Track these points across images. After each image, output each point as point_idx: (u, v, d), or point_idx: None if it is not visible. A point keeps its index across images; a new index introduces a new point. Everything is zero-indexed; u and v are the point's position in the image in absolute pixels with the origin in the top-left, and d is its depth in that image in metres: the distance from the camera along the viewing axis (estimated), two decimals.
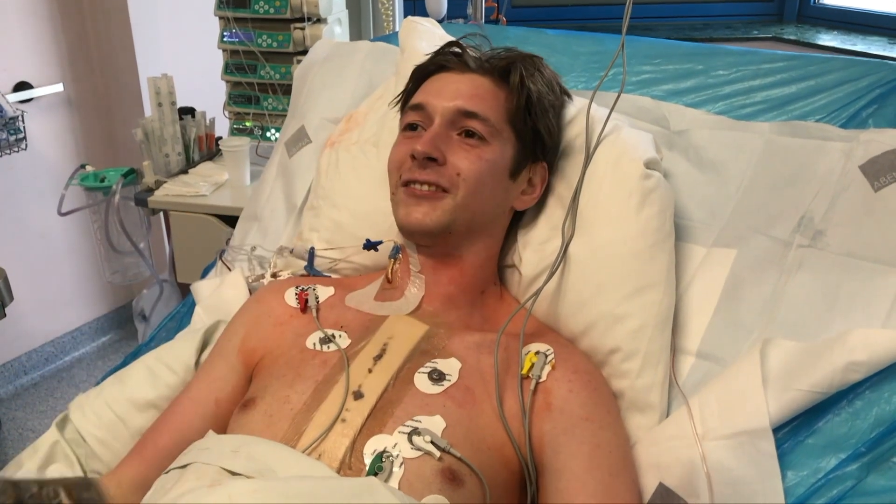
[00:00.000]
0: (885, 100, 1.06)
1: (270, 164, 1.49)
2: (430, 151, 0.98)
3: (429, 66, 1.10)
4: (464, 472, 0.84)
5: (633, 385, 0.98)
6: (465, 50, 1.08)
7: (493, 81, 1.05)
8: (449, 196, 0.99)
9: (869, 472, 0.80)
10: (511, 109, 1.04)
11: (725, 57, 1.25)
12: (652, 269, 1.01)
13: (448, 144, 1.00)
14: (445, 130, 1.01)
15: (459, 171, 0.99)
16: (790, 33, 2.85)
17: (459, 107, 1.01)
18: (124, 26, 2.50)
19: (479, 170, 1.00)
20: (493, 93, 1.04)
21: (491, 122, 1.01)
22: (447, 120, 1.01)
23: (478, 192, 1.00)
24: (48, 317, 2.74)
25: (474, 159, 1.00)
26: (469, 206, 1.00)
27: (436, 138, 0.99)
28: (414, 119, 1.05)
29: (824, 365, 0.83)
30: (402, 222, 1.01)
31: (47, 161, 2.54)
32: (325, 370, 0.93)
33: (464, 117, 1.01)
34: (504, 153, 1.03)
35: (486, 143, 1.01)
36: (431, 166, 0.98)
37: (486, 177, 1.01)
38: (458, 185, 0.99)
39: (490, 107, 1.02)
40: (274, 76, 2.03)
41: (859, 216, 0.96)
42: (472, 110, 1.01)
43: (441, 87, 1.05)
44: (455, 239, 1.02)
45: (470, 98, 1.02)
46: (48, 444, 1.01)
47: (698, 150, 1.14)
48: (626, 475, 0.88)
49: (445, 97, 1.03)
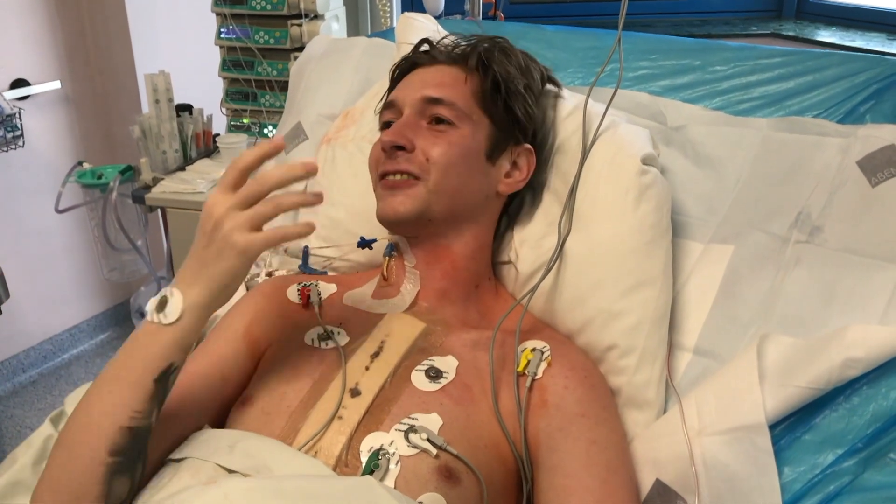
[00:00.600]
0: (883, 95, 1.06)
1: (267, 160, 1.48)
2: (396, 139, 0.99)
3: (402, 64, 1.12)
4: (460, 469, 0.83)
5: (631, 381, 0.98)
6: (435, 44, 1.10)
7: (458, 68, 1.07)
8: (421, 183, 0.99)
9: (866, 468, 0.80)
10: (477, 92, 1.05)
11: (723, 52, 1.25)
12: (649, 265, 1.01)
13: (417, 132, 1.01)
14: (415, 120, 1.02)
15: (429, 156, 0.99)
16: (789, 29, 2.85)
17: (425, 95, 1.02)
18: (121, 23, 2.50)
19: (448, 153, 1.00)
20: (458, 78, 1.05)
21: (458, 107, 1.02)
22: (415, 110, 1.02)
23: (449, 176, 1.00)
24: (46, 314, 2.74)
25: (443, 143, 1.00)
26: (443, 190, 0.99)
27: (403, 128, 1.01)
28: (388, 117, 1.06)
29: (822, 361, 0.82)
30: (380, 215, 1.02)
31: (44, 158, 2.54)
32: (322, 367, 0.92)
33: (430, 104, 1.02)
34: (476, 136, 1.03)
35: (455, 126, 1.01)
36: (401, 155, 0.99)
37: (457, 160, 1.00)
38: (429, 171, 0.99)
39: (456, 92, 1.03)
40: (271, 73, 2.03)
41: (857, 212, 0.96)
42: (437, 96, 1.02)
43: (410, 83, 1.07)
44: (437, 226, 1.02)
45: (435, 86, 1.03)
46: (42, 438, 1.01)
47: (695, 146, 1.14)
48: (623, 471, 0.88)
49: (414, 89, 1.04)
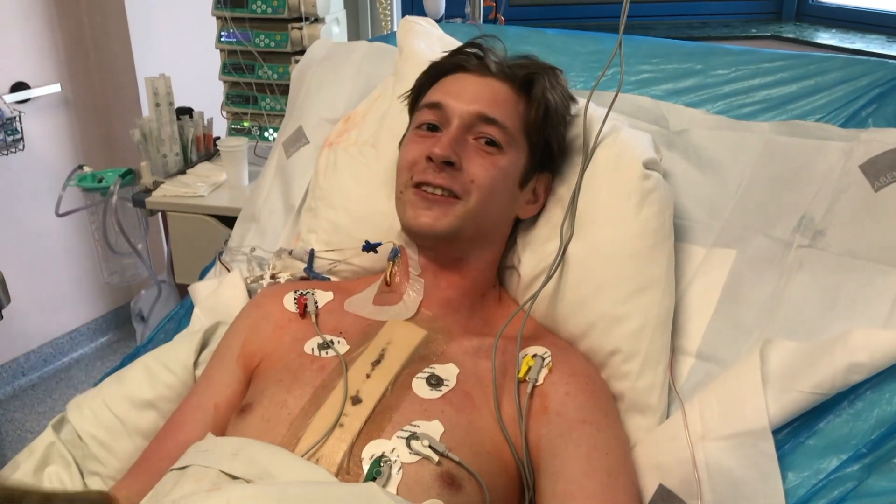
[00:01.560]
0: (885, 99, 1.06)
1: (268, 164, 1.48)
2: (448, 156, 0.96)
3: (447, 63, 1.08)
4: (462, 476, 0.83)
5: (634, 386, 0.98)
6: (487, 52, 1.06)
7: (512, 89, 1.04)
8: (460, 202, 0.98)
9: (870, 473, 0.79)
10: (528, 120, 1.03)
11: (724, 56, 1.24)
12: (651, 269, 1.01)
13: (464, 149, 0.99)
14: (462, 134, 0.99)
15: (474, 178, 0.98)
16: (789, 32, 2.85)
17: (480, 112, 1.00)
18: (122, 26, 2.50)
19: (492, 177, 0.99)
20: (512, 101, 1.03)
21: (509, 131, 1.00)
22: (465, 123, 1.00)
23: (489, 201, 0.99)
24: (46, 318, 2.73)
25: (489, 167, 0.99)
26: (479, 213, 0.99)
27: (454, 142, 0.98)
28: (430, 118, 1.03)
29: (825, 366, 0.82)
30: (409, 224, 1.00)
31: (45, 162, 2.54)
32: (323, 375, 0.92)
33: (483, 123, 1.00)
34: (517, 162, 1.02)
35: (502, 151, 1.00)
36: (447, 170, 0.97)
37: (499, 185, 1.00)
38: (471, 192, 0.98)
39: (508, 115, 1.01)
40: (272, 76, 2.03)
41: (860, 216, 0.96)
42: (493, 116, 1.00)
43: (460, 89, 1.03)
44: (461, 244, 1.01)
45: (490, 104, 1.01)
46: (44, 445, 1.01)
47: (698, 150, 1.14)
48: (625, 477, 0.88)
49: (465, 100, 1.01)
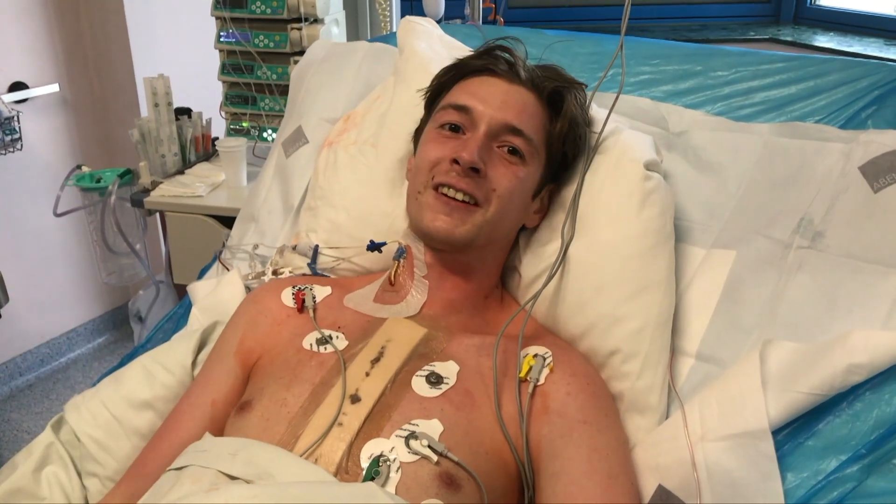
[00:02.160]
0: (885, 101, 1.06)
1: (268, 164, 1.48)
2: (476, 162, 0.96)
3: (475, 64, 1.06)
4: (461, 476, 0.83)
5: (633, 387, 0.98)
6: (517, 57, 1.05)
7: (539, 100, 1.04)
8: (480, 210, 0.98)
9: (869, 473, 0.79)
10: (552, 133, 1.03)
11: (724, 58, 1.24)
12: (652, 270, 1.01)
13: (489, 156, 0.98)
14: (488, 142, 0.99)
15: (496, 186, 0.98)
16: (787, 34, 2.85)
17: (508, 122, 0.99)
18: (120, 26, 2.50)
19: (513, 188, 0.99)
20: (538, 113, 1.03)
21: (534, 143, 1.01)
22: (492, 131, 0.99)
23: (507, 210, 1.00)
24: (44, 318, 2.73)
25: (511, 177, 0.99)
26: (496, 222, 0.99)
27: (482, 149, 0.97)
28: (455, 119, 1.02)
29: (825, 367, 0.82)
30: (426, 228, 0.99)
31: (43, 162, 2.53)
32: (322, 373, 0.92)
33: (510, 133, 0.99)
34: (536, 174, 1.03)
35: (525, 162, 1.00)
36: (473, 177, 0.97)
37: (517, 195, 1.00)
38: (491, 201, 0.98)
39: (534, 127, 1.01)
40: (271, 77, 2.03)
41: (859, 217, 0.96)
42: (520, 128, 0.99)
43: (488, 94, 1.02)
44: (473, 252, 1.02)
45: (518, 114, 1.00)
46: (43, 445, 1.00)
47: (697, 152, 1.14)
48: (625, 478, 0.88)
49: (493, 106, 1.00)
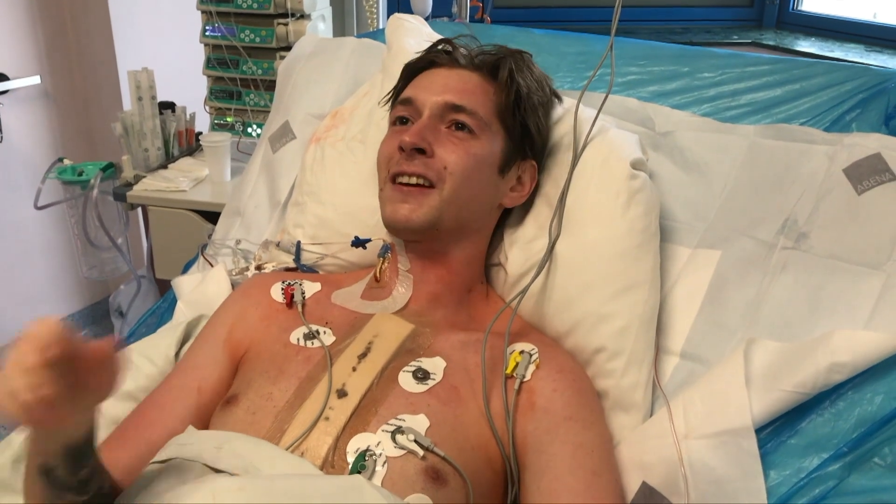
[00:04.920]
0: (869, 104, 1.08)
1: (254, 158, 1.48)
2: (417, 142, 0.98)
3: (419, 62, 1.10)
4: (447, 471, 0.83)
5: (618, 384, 0.98)
6: (456, 47, 1.09)
7: (482, 77, 1.06)
8: (435, 191, 0.98)
9: (851, 471, 0.80)
10: (500, 104, 1.04)
11: (711, 59, 1.26)
12: (637, 269, 1.01)
13: (436, 136, 1.00)
14: (434, 123, 1.01)
15: (446, 164, 0.98)
16: (769, 39, 2.88)
17: (448, 101, 1.01)
18: (104, 18, 2.47)
19: (465, 163, 0.99)
20: (482, 87, 1.04)
21: (479, 116, 1.01)
22: (436, 113, 1.01)
23: (465, 187, 1.00)
24: (22, 312, 2.69)
25: (462, 153, 0.99)
26: (456, 200, 0.99)
27: (424, 129, 0.99)
28: (403, 113, 1.05)
29: (808, 366, 0.83)
30: (388, 219, 1.00)
31: (23, 154, 2.50)
32: (309, 367, 0.92)
33: (452, 111, 1.01)
34: (492, 148, 1.03)
35: (475, 136, 1.01)
36: (419, 158, 0.98)
37: (473, 171, 1.00)
38: (445, 179, 0.98)
39: (479, 101, 1.03)
40: (256, 71, 2.02)
41: (842, 219, 0.97)
42: (461, 104, 1.01)
43: (430, 82, 1.05)
44: (443, 235, 1.02)
45: (459, 92, 1.02)
46: (22, 437, 0.99)
47: (683, 152, 1.15)
48: (609, 475, 0.88)
49: (434, 91, 1.03)
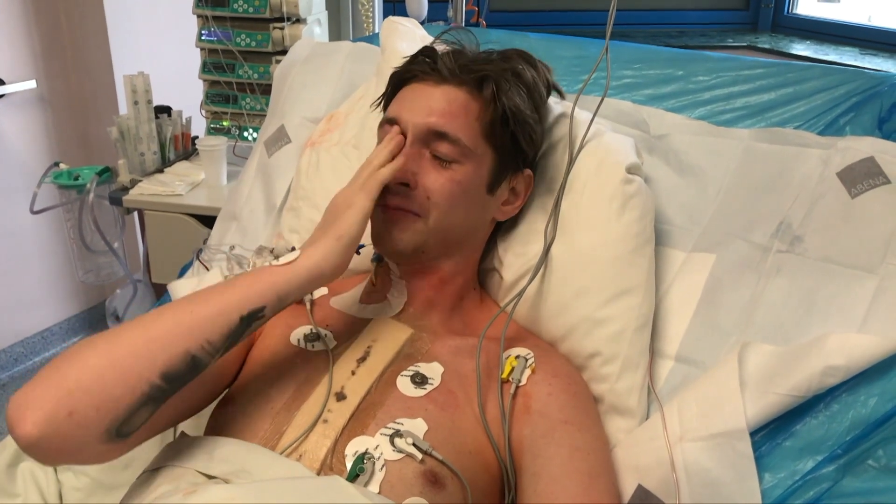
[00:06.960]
0: (862, 108, 1.08)
1: (250, 163, 1.48)
2: (401, 178, 0.95)
3: (403, 73, 1.05)
4: (445, 474, 0.83)
5: (613, 388, 0.99)
6: (440, 57, 1.02)
7: (467, 93, 1.00)
8: (420, 220, 0.96)
9: (845, 474, 0.81)
10: (486, 123, 0.99)
11: (705, 63, 1.26)
12: (632, 273, 1.02)
13: (420, 166, 0.97)
14: (418, 149, 0.97)
15: (430, 194, 0.96)
16: (764, 42, 2.89)
17: (431, 126, 0.97)
18: (99, 22, 2.47)
19: (450, 192, 0.97)
20: (466, 108, 0.99)
21: (462, 143, 0.97)
22: (419, 138, 0.97)
23: (450, 214, 0.97)
24: (18, 316, 2.69)
25: (445, 182, 0.96)
26: (441, 228, 0.97)
27: (408, 161, 0.96)
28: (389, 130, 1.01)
29: (802, 369, 0.84)
30: (374, 240, 0.99)
31: (19, 159, 2.50)
32: (308, 370, 0.92)
33: (435, 138, 0.97)
34: (479, 171, 1.00)
35: (459, 163, 0.97)
36: (402, 191, 0.96)
37: (459, 197, 0.98)
38: (429, 209, 0.96)
39: (462, 125, 0.98)
40: (252, 76, 2.02)
41: (836, 222, 0.97)
42: (444, 130, 0.96)
43: (413, 101, 1.00)
44: (429, 257, 1.00)
45: (441, 115, 0.97)
46: None
47: (678, 155, 1.15)
48: (605, 478, 0.88)
49: (417, 112, 0.98)
